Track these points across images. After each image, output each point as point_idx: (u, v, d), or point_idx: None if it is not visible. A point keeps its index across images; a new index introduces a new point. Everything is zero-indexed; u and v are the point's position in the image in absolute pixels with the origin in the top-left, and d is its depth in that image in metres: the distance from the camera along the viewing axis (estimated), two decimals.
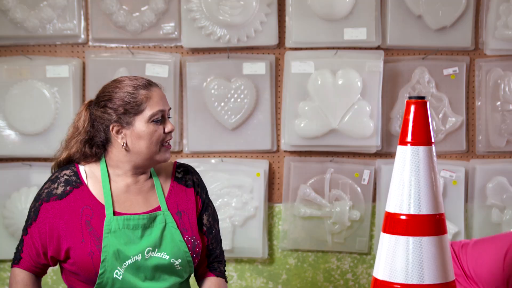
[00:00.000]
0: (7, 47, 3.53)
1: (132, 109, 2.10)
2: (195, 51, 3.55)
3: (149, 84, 2.16)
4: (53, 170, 2.23)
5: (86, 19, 3.52)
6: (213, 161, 3.56)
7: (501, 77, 3.54)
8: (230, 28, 3.48)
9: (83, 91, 3.50)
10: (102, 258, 2.04)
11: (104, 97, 2.14)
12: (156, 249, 2.10)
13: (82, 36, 3.51)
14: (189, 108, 3.53)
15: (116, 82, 2.16)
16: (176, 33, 3.51)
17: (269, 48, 3.54)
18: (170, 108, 2.20)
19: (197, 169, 3.53)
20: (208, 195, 2.30)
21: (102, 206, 2.10)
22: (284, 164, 3.57)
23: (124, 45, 3.52)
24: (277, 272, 3.60)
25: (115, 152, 2.14)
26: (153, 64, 3.49)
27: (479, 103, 3.58)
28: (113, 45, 3.53)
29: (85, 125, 2.15)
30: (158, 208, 2.15)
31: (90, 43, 3.53)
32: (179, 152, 3.56)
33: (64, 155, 2.19)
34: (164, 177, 2.23)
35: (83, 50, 3.54)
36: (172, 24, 3.51)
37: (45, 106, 3.46)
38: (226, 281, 2.29)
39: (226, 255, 3.52)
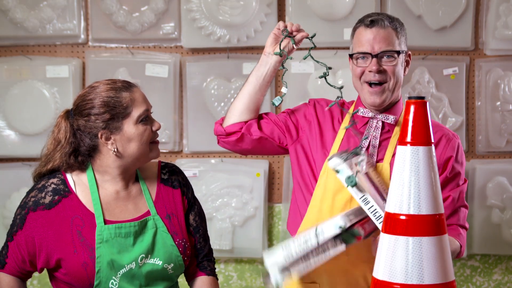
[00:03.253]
0: (7, 47, 3.53)
1: (119, 113, 2.04)
2: (195, 51, 3.55)
3: (129, 85, 2.09)
4: (35, 180, 2.16)
5: (86, 19, 3.52)
6: (213, 161, 3.56)
7: (501, 77, 3.54)
8: (230, 28, 3.48)
9: None
10: (96, 269, 2.01)
11: (86, 105, 2.06)
12: (149, 255, 2.08)
13: (82, 36, 3.51)
14: (189, 108, 3.52)
15: (94, 88, 2.08)
16: (176, 33, 3.51)
17: None
18: (151, 106, 2.14)
19: (197, 169, 3.59)
20: (194, 194, 2.27)
21: (93, 215, 2.06)
22: (284, 164, 3.56)
23: (124, 45, 3.52)
24: None
25: (103, 158, 2.09)
26: (153, 64, 3.49)
27: (479, 103, 3.58)
28: (113, 45, 3.53)
29: (67, 136, 2.08)
30: (148, 213, 2.12)
31: (90, 43, 3.53)
32: (179, 152, 3.56)
33: (47, 167, 2.12)
34: (150, 179, 2.19)
35: (83, 50, 3.54)
36: (172, 24, 3.51)
37: (45, 106, 3.46)
38: (217, 279, 2.29)
39: (226, 255, 3.53)
